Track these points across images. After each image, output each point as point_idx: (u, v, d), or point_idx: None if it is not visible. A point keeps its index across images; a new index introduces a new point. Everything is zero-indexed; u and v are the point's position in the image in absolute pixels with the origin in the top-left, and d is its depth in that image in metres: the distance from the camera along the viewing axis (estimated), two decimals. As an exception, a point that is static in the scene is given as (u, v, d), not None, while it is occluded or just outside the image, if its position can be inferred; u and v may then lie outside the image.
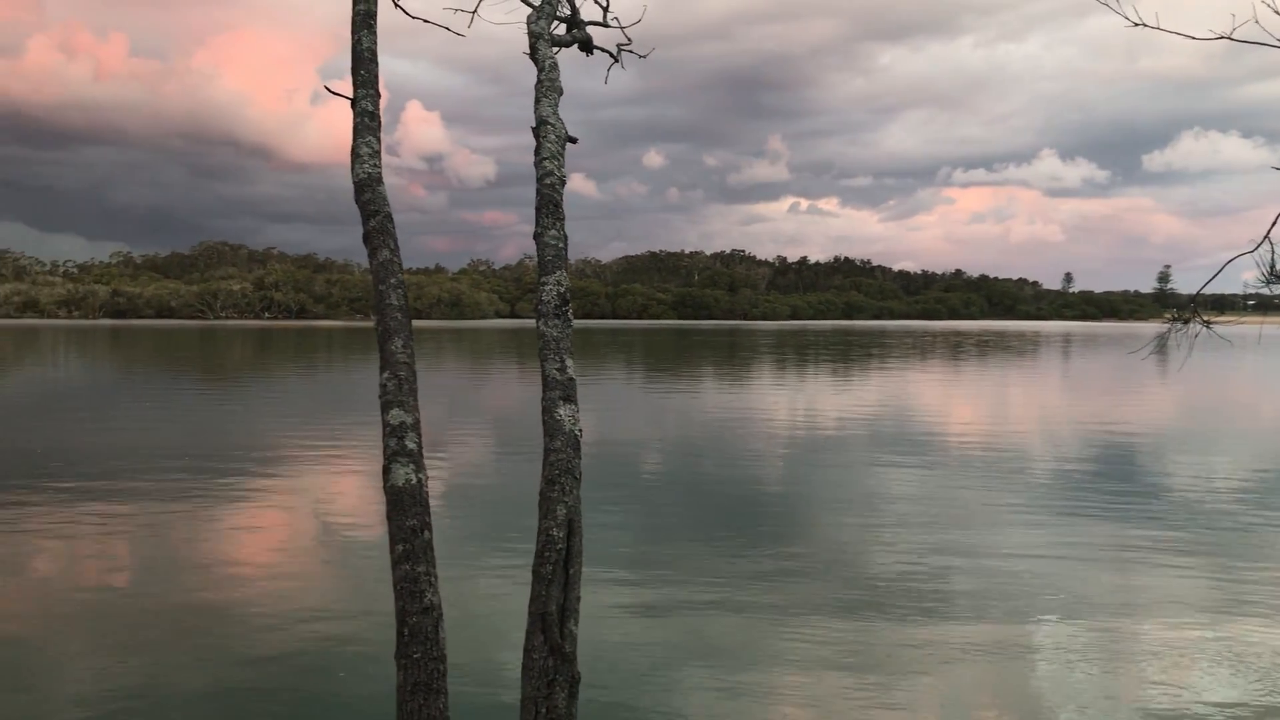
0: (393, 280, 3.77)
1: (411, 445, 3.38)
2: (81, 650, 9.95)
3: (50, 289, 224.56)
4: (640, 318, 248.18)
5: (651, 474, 21.09)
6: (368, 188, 3.96)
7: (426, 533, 3.23)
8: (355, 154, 4.03)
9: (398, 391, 3.51)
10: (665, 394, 41.28)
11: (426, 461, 3.46)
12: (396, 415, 3.45)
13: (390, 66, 4.34)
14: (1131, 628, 10.74)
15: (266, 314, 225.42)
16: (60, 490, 18.12)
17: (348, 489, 18.97)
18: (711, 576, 12.70)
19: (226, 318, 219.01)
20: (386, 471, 3.35)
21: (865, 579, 12.62)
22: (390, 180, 4.17)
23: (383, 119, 4.32)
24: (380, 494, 12.38)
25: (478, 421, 30.57)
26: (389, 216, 3.92)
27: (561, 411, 3.52)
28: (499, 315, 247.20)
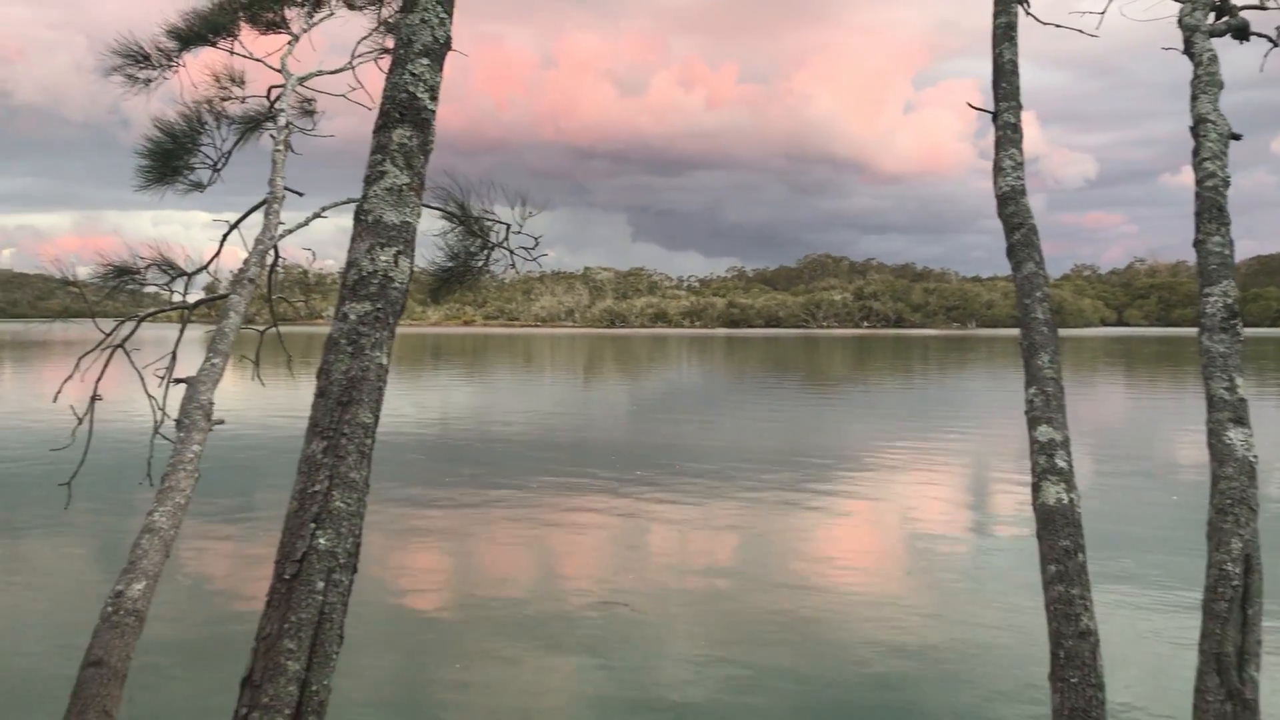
0: (1038, 294, 3.71)
1: (1061, 463, 3.30)
2: (685, 632, 10.92)
3: (676, 301, 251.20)
4: (1275, 325, 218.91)
5: (1297, 504, 18.51)
6: (1011, 200, 3.92)
7: (1080, 555, 3.13)
8: (998, 167, 4.02)
9: (1045, 407, 3.43)
10: (1311, 413, 36.00)
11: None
12: (1045, 432, 3.38)
13: (987, 70, 4.23)
14: None
15: (865, 322, 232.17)
16: (678, 482, 20.12)
17: (937, 499, 18.90)
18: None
19: (828, 326, 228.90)
20: (1036, 489, 3.29)
21: None
22: (981, 185, 4.09)
23: (979, 125, 4.25)
24: (969, 508, 12.22)
25: (1092, 436, 28.86)
26: (1033, 229, 3.85)
27: (1232, 435, 3.22)
28: (1104, 323, 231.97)
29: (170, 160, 7.36)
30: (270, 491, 18.90)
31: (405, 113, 2.56)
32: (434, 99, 2.61)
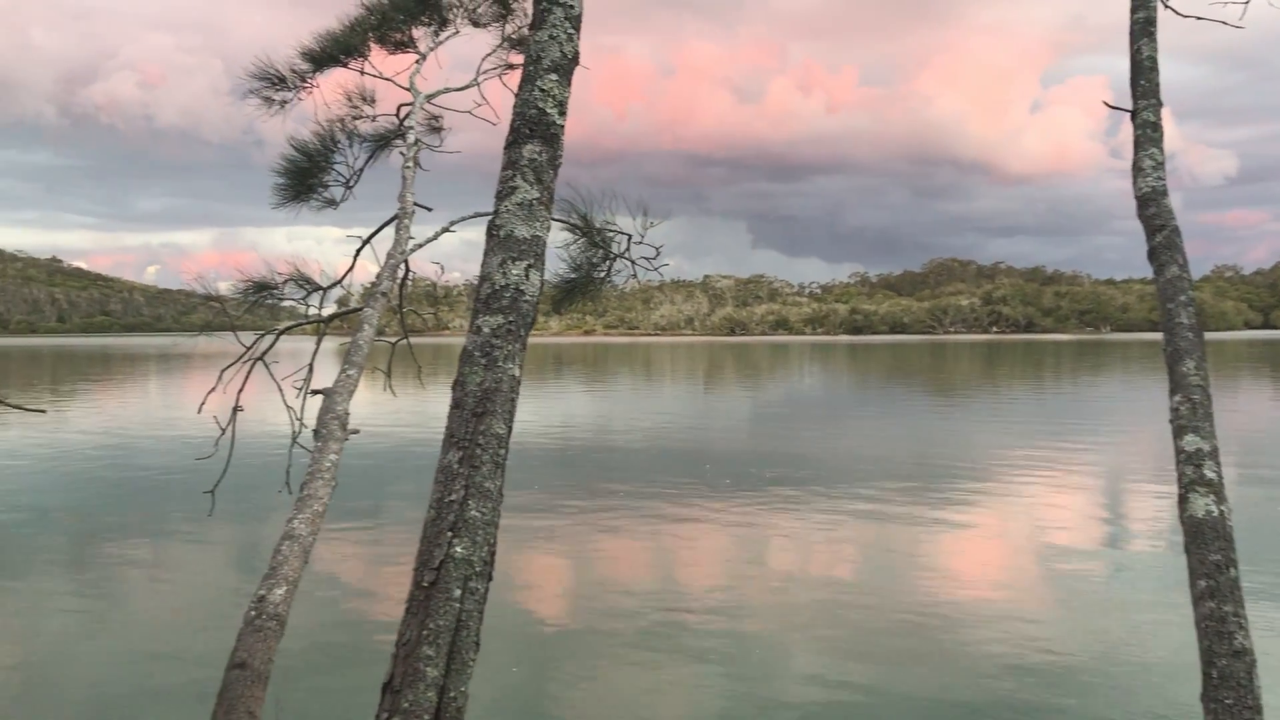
0: (1182, 298, 3.56)
1: (1210, 474, 3.16)
2: (810, 647, 10.76)
3: (798, 308, 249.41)
4: None
5: None
6: (1152, 201, 3.78)
7: (1232, 570, 2.99)
8: (1137, 167, 3.88)
9: (1192, 416, 3.29)
10: None
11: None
12: (1192, 441, 3.24)
13: (1118, 66, 4.07)
14: None
15: (994, 328, 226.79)
16: (797, 492, 19.91)
17: (1070, 511, 18.28)
18: None
19: (955, 332, 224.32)
20: (1183, 501, 3.16)
21: None
22: (1114, 185, 3.93)
23: (1110, 123, 4.09)
24: (1106, 520, 11.75)
25: (1237, 445, 27.57)
26: (1176, 231, 3.70)
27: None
28: (1249, 326, 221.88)
29: (305, 178, 7.60)
30: (401, 499, 19.39)
31: (535, 128, 2.60)
32: (562, 114, 2.65)
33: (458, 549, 2.25)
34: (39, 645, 10.85)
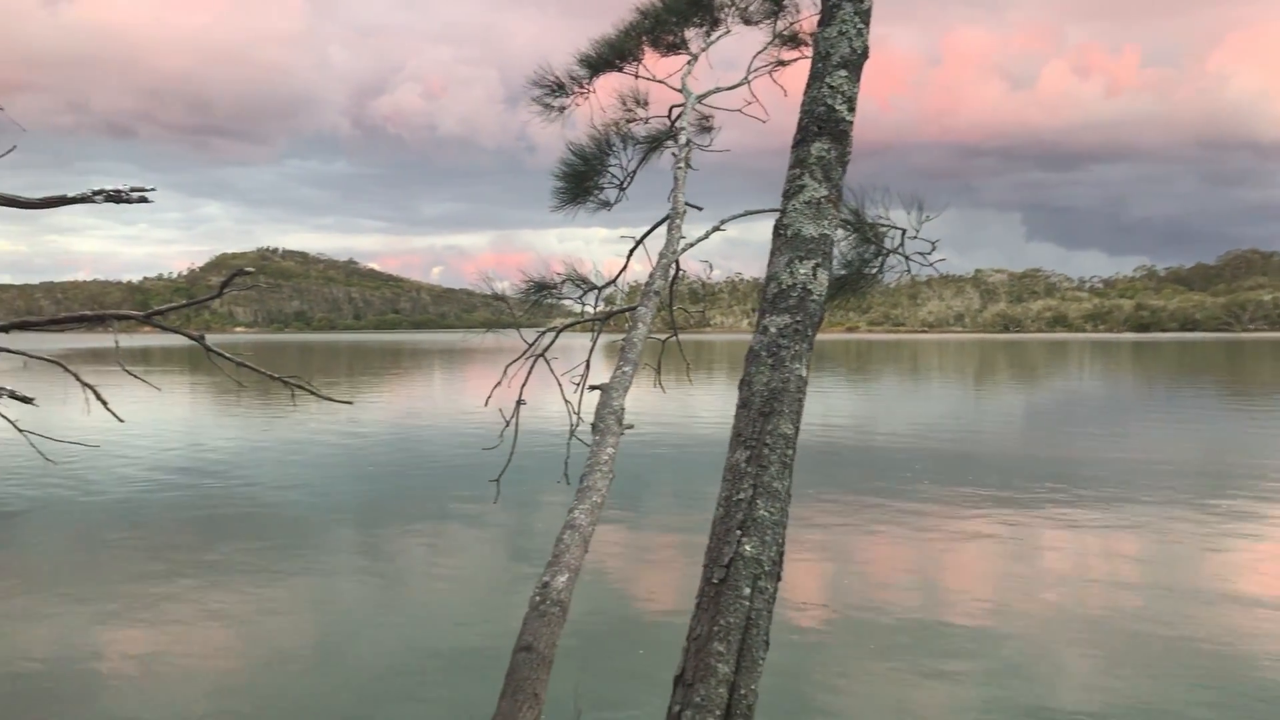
0: None
1: None
2: (1079, 656, 10.19)
3: (1077, 304, 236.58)
4: None
5: None
6: None
7: None
8: None
9: None
10: None
11: None
12: None
13: None
14: None
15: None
16: (1071, 497, 18.78)
17: None
18: None
19: (1255, 329, 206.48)
20: None
21: None
22: None
23: None
24: None
25: None
26: None
27: None
28: None
29: (583, 181, 7.88)
30: (674, 493, 19.77)
31: (823, 126, 2.57)
32: (851, 110, 2.61)
33: (747, 547, 2.27)
34: (334, 619, 11.78)
